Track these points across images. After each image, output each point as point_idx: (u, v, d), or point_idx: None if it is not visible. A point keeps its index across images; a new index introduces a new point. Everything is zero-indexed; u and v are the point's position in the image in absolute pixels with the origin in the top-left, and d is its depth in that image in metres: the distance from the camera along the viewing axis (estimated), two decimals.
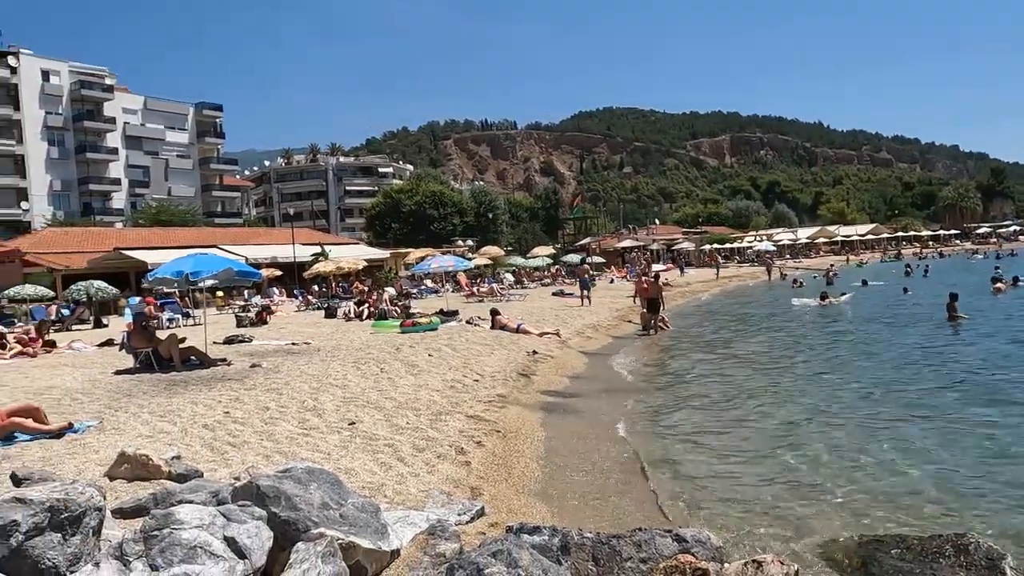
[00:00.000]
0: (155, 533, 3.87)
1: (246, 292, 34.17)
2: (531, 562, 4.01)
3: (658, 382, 12.74)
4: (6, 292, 29.46)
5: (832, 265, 43.29)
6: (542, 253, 50.23)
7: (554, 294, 32.40)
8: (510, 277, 40.86)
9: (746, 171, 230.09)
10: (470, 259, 38.82)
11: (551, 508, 6.11)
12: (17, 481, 5.23)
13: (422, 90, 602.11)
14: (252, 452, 6.98)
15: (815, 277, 40.55)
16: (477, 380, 11.48)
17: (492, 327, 17.84)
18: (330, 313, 24.01)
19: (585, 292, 26.78)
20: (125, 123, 71.81)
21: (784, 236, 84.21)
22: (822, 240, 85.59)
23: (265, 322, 22.01)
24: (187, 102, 78.92)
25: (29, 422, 7.43)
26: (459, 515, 5.52)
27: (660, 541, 4.23)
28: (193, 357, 12.76)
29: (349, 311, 23.05)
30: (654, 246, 67.94)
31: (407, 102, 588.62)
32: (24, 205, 63.52)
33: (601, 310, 24.58)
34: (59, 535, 4.04)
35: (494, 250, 47.78)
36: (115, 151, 70.56)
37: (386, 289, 30.36)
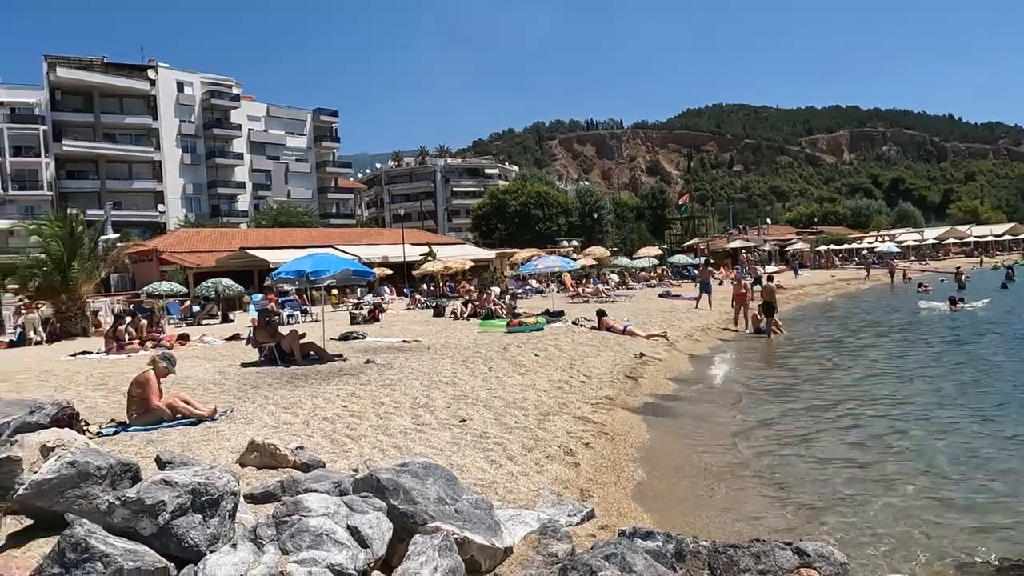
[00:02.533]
0: (286, 519, 4.10)
1: (359, 290, 35.51)
2: (645, 567, 3.98)
3: (770, 388, 12.30)
4: (145, 288, 31.97)
5: (959, 267, 40.33)
6: (648, 254, 49.48)
7: (661, 295, 31.90)
8: (615, 278, 40.50)
9: (866, 168, 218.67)
10: (575, 259, 38.75)
11: (662, 513, 6.03)
12: (161, 464, 5.65)
13: (528, 91, 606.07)
14: (369, 445, 7.25)
15: (942, 281, 37.95)
16: (584, 381, 11.48)
17: (598, 328, 17.76)
18: (438, 312, 24.58)
19: (707, 295, 25.43)
20: (250, 129, 76.21)
21: (909, 237, 79.22)
22: (952, 241, 79.97)
23: (377, 320, 22.77)
24: (305, 108, 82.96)
25: (181, 402, 8.13)
26: (569, 516, 5.54)
27: (780, 553, 4.10)
28: (312, 352, 13.37)
29: (457, 310, 23.50)
30: (766, 247, 65.56)
31: (513, 103, 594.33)
32: (160, 207, 68.61)
33: (710, 312, 23.98)
34: (200, 516, 4.35)
35: (599, 250, 47.43)
36: (240, 156, 75.06)
37: (492, 288, 30.77)
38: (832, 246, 70.10)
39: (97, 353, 16.66)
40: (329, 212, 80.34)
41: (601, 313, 18.46)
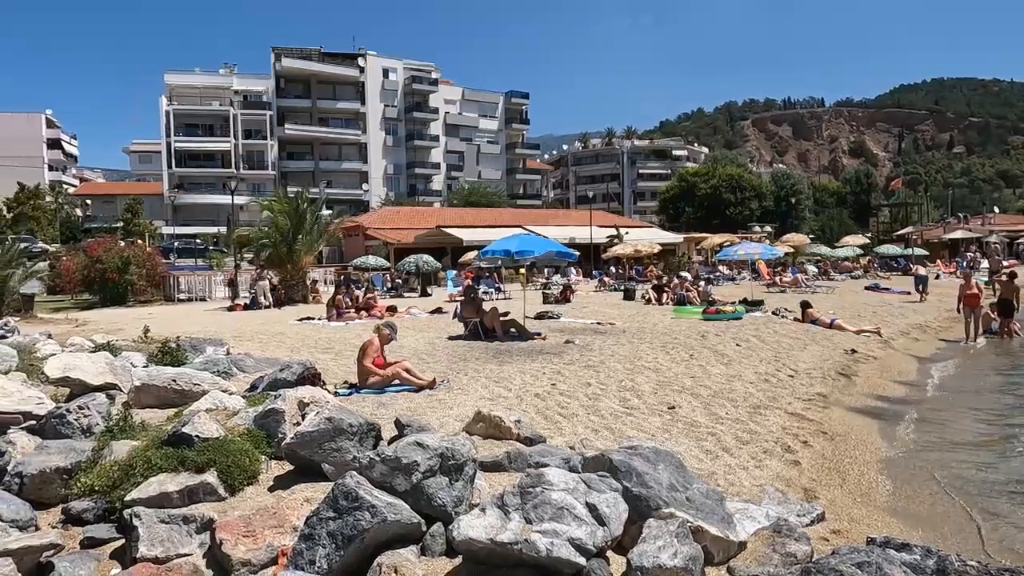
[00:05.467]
0: (530, 490, 4.27)
1: (546, 270, 36.08)
2: None
3: (1013, 398, 10.99)
4: (354, 261, 34.64)
5: None
6: (852, 243, 45.86)
7: (867, 288, 29.49)
8: (814, 268, 37.99)
9: None
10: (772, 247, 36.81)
11: (901, 524, 5.59)
12: (400, 427, 6.11)
13: (719, 69, 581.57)
14: (581, 424, 7.38)
15: None
16: (792, 376, 10.93)
17: (801, 320, 16.82)
18: (628, 295, 24.42)
19: (921, 289, 24.76)
20: (446, 113, 79.86)
21: None
22: None
23: (568, 300, 23.04)
24: (497, 91, 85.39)
25: (404, 371, 8.77)
26: (798, 516, 5.30)
27: None
28: (513, 329, 13.81)
29: (648, 294, 23.20)
30: (992, 238, 58.36)
31: (703, 82, 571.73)
32: (365, 186, 73.93)
33: (928, 309, 21.88)
34: (446, 479, 4.66)
35: (798, 237, 44.67)
36: (436, 138, 78.96)
37: (682, 274, 30.06)
38: None
39: (319, 319, 18.30)
40: (517, 193, 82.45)
41: (806, 304, 17.43)
